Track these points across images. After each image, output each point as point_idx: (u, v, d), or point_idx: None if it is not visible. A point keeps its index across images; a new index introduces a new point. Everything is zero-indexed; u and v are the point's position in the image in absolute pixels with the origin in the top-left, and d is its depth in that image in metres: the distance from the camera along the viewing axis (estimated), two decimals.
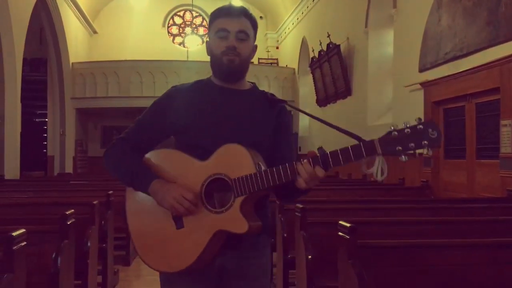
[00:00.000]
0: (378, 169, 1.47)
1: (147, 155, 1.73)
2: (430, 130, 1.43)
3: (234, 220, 1.56)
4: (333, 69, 10.41)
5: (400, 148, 1.45)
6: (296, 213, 3.37)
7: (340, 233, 2.48)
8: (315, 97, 11.80)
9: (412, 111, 7.06)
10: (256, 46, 1.78)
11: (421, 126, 1.44)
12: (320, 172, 1.51)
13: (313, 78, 11.88)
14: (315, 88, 11.81)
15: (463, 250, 2.45)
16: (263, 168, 1.59)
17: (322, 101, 11.37)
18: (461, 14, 5.90)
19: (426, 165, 6.67)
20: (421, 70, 6.82)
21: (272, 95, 1.78)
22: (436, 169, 6.55)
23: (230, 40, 1.67)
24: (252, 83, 1.82)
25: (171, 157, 1.69)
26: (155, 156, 1.72)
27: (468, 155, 5.91)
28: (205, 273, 1.68)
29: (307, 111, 12.03)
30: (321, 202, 4.38)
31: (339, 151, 1.50)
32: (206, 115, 1.70)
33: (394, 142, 1.45)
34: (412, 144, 1.44)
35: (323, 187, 5.95)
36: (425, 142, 1.43)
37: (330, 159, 1.50)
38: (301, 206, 3.33)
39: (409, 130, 1.45)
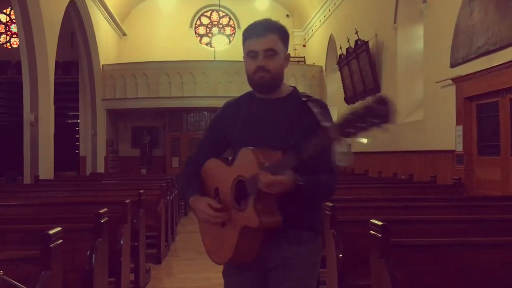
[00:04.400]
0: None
1: (207, 162, 1.96)
2: (380, 107, 1.44)
3: (249, 216, 1.73)
4: (361, 66, 10.29)
5: (352, 130, 1.49)
6: (326, 212, 3.36)
7: (371, 232, 2.46)
8: (343, 95, 11.69)
9: (443, 107, 6.92)
10: (289, 55, 1.90)
11: (374, 105, 1.44)
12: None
13: (341, 76, 11.77)
14: (343, 86, 11.71)
15: (498, 248, 2.40)
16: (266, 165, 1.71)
17: (350, 99, 11.25)
18: (494, 8, 5.75)
19: (458, 163, 6.54)
20: (453, 65, 6.67)
21: (307, 96, 1.88)
22: (469, 166, 6.40)
23: (259, 60, 1.82)
24: (292, 87, 1.94)
25: (213, 164, 1.95)
26: (207, 164, 1.96)
27: (502, 151, 5.76)
28: (252, 267, 1.85)
29: (335, 109, 11.87)
30: (351, 200, 4.34)
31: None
32: (249, 125, 1.89)
33: (346, 125, 1.49)
34: (363, 125, 1.46)
35: (353, 185, 5.90)
36: (377, 120, 1.44)
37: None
38: (331, 204, 3.31)
39: (362, 111, 1.46)
